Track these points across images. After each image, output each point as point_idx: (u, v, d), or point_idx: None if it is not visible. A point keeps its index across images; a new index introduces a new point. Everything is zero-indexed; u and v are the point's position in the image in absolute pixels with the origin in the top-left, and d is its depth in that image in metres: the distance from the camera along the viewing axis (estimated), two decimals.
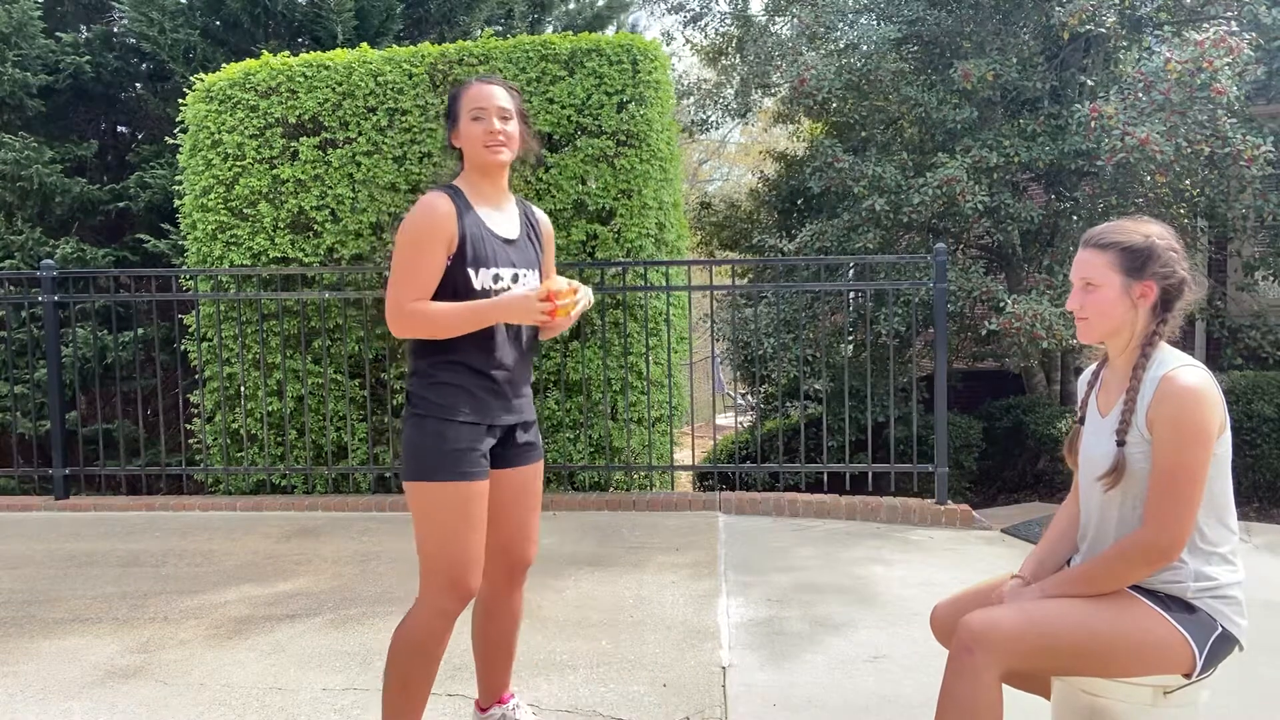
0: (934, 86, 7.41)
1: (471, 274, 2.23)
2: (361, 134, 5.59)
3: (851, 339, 7.78)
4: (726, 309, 8.47)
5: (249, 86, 5.67)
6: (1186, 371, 1.88)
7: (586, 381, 5.55)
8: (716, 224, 11.24)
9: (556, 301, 2.16)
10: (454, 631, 2.28)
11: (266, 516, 5.31)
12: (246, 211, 5.71)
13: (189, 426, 6.35)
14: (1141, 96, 6.30)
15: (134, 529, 5.06)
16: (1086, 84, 7.54)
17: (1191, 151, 6.21)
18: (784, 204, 10.45)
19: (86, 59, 7.57)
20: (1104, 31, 6.88)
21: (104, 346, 6.80)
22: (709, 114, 11.44)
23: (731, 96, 11.20)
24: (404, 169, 5.57)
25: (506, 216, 2.36)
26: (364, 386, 5.74)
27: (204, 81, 5.78)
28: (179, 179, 6.16)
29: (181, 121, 5.92)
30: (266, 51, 5.84)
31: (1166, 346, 1.97)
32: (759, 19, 11.08)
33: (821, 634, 3.37)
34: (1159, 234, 1.97)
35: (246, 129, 5.66)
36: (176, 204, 6.16)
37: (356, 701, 2.84)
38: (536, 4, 9.52)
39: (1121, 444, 1.93)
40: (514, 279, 2.30)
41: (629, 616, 3.53)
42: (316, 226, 5.66)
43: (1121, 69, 7.84)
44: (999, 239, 7.60)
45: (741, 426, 11.22)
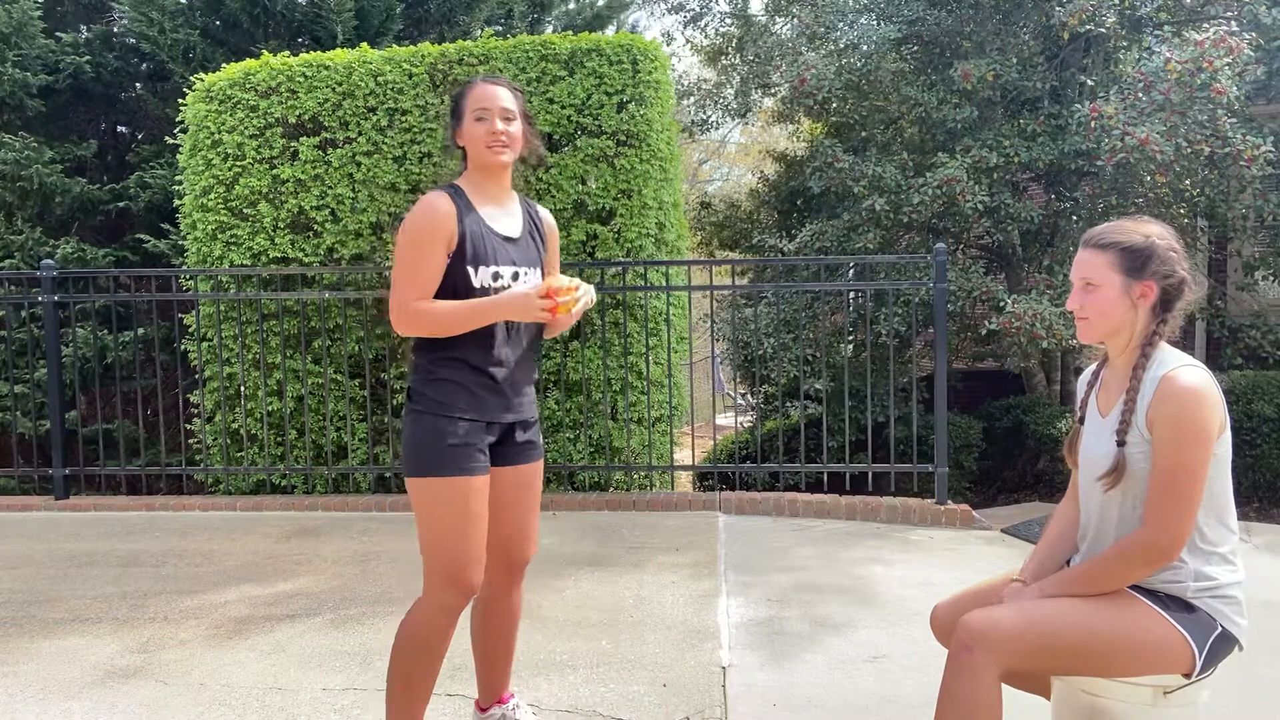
0: (934, 86, 7.41)
1: (471, 272, 2.24)
2: (361, 134, 5.59)
3: (851, 339, 7.78)
4: (726, 309, 8.47)
5: (249, 86, 5.67)
6: (1187, 371, 1.88)
7: (586, 381, 5.55)
8: (716, 224, 11.25)
9: (556, 298, 2.17)
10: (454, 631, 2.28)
11: (266, 516, 5.31)
12: (246, 211, 5.71)
13: (189, 426, 6.35)
14: (1141, 96, 6.30)
15: (134, 529, 5.06)
16: (1086, 84, 7.54)
17: (1191, 151, 6.21)
18: (784, 204, 10.45)
19: (86, 59, 7.57)
20: (1104, 31, 6.88)
21: (104, 346, 6.80)
22: (709, 114, 11.44)
23: (731, 96, 11.20)
24: (404, 169, 5.57)
25: (509, 215, 2.36)
26: (364, 386, 5.75)
27: (204, 81, 5.78)
28: (179, 179, 6.16)
29: (181, 121, 5.92)
30: (266, 51, 5.84)
31: (1166, 346, 1.97)
32: (759, 19, 11.08)
33: (821, 634, 3.37)
34: (1159, 234, 1.97)
35: (246, 129, 5.66)
36: (176, 204, 6.16)
37: (356, 701, 2.84)
38: (536, 4, 9.52)
39: (1121, 444, 1.93)
40: (514, 277, 2.30)
41: (629, 616, 3.53)
42: (316, 226, 5.66)
43: (1121, 69, 7.83)
44: (999, 239, 7.60)
45: (741, 426, 11.22)
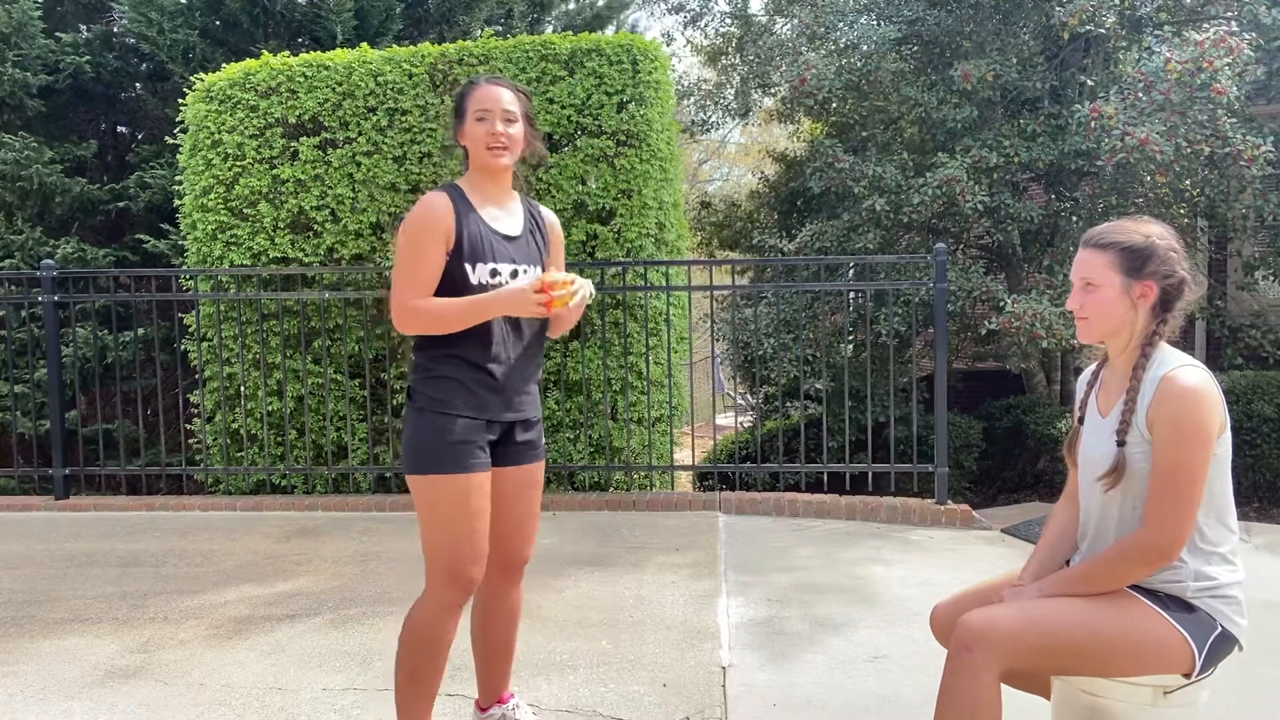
0: (934, 86, 7.41)
1: (469, 269, 2.25)
2: (361, 134, 5.59)
3: (851, 339, 7.78)
4: (726, 309, 8.47)
5: (249, 86, 5.67)
6: (1187, 371, 1.88)
7: (586, 381, 5.55)
8: (716, 224, 11.24)
9: (551, 292, 2.17)
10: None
11: (266, 516, 5.31)
12: (246, 211, 5.71)
13: (189, 426, 6.35)
14: (1141, 96, 6.30)
15: (134, 529, 5.06)
16: (1086, 84, 7.54)
17: (1191, 151, 6.21)
18: (784, 204, 10.45)
19: (86, 59, 7.57)
20: (1104, 32, 6.88)
21: (104, 346, 6.80)
22: (709, 114, 11.43)
23: (731, 96, 11.20)
24: (404, 169, 5.57)
25: (509, 214, 2.37)
26: (364, 386, 5.74)
27: (204, 81, 5.78)
28: (179, 179, 6.16)
29: (181, 121, 5.92)
30: (266, 51, 5.84)
31: (1166, 346, 1.97)
32: (759, 19, 11.07)
33: (821, 634, 3.37)
34: (1159, 234, 1.97)
35: (246, 129, 5.66)
36: (176, 204, 6.16)
37: (356, 701, 2.84)
38: (536, 4, 9.52)
39: (1121, 444, 1.93)
40: (513, 274, 2.31)
41: (629, 616, 3.53)
42: (316, 226, 5.66)
43: (1121, 69, 7.84)
44: (999, 239, 7.60)
45: (741, 426, 11.22)
